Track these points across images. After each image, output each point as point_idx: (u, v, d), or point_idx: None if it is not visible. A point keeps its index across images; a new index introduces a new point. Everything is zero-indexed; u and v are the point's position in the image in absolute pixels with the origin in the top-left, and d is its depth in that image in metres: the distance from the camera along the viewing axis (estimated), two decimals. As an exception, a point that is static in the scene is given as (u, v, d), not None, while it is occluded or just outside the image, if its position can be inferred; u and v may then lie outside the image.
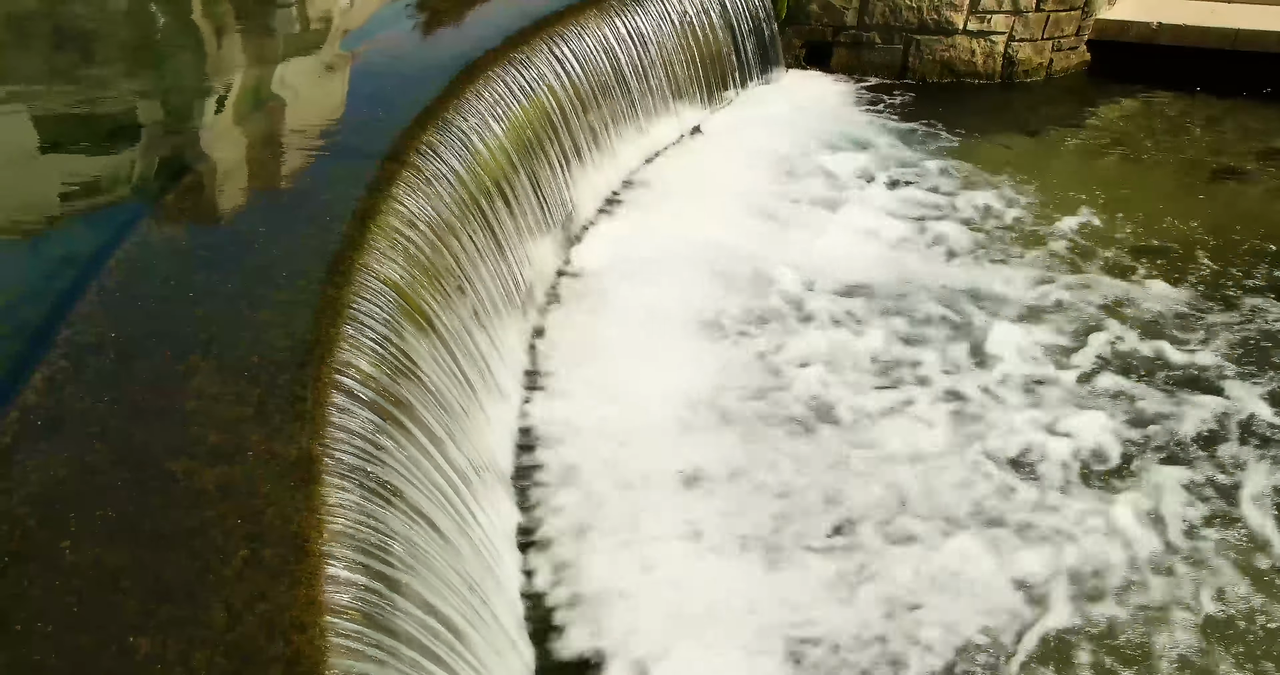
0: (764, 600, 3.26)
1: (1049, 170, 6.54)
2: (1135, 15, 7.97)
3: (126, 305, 2.87)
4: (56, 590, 1.97)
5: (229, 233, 3.42)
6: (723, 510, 3.64)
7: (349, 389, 2.65)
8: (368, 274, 3.13)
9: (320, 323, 2.81)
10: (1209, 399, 4.31)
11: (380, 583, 2.22)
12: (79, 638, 1.88)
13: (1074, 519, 3.64)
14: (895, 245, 5.53)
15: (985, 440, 4.04)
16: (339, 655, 1.94)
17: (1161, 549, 3.53)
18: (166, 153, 4.17)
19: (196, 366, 2.60)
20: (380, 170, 3.76)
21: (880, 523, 3.61)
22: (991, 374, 4.45)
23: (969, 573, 3.40)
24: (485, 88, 4.80)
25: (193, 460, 2.30)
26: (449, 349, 3.51)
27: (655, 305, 4.84)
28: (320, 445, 2.39)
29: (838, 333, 4.73)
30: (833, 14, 7.91)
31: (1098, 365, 4.54)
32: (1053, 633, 3.20)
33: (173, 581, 2.01)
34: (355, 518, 2.29)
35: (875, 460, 3.91)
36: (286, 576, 2.04)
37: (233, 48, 5.65)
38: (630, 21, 6.27)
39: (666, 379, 4.32)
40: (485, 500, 3.31)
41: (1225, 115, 7.38)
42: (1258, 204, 6.14)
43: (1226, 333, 4.78)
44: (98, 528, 2.12)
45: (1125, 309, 4.98)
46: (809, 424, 4.11)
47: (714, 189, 6.06)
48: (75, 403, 2.46)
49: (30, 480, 2.23)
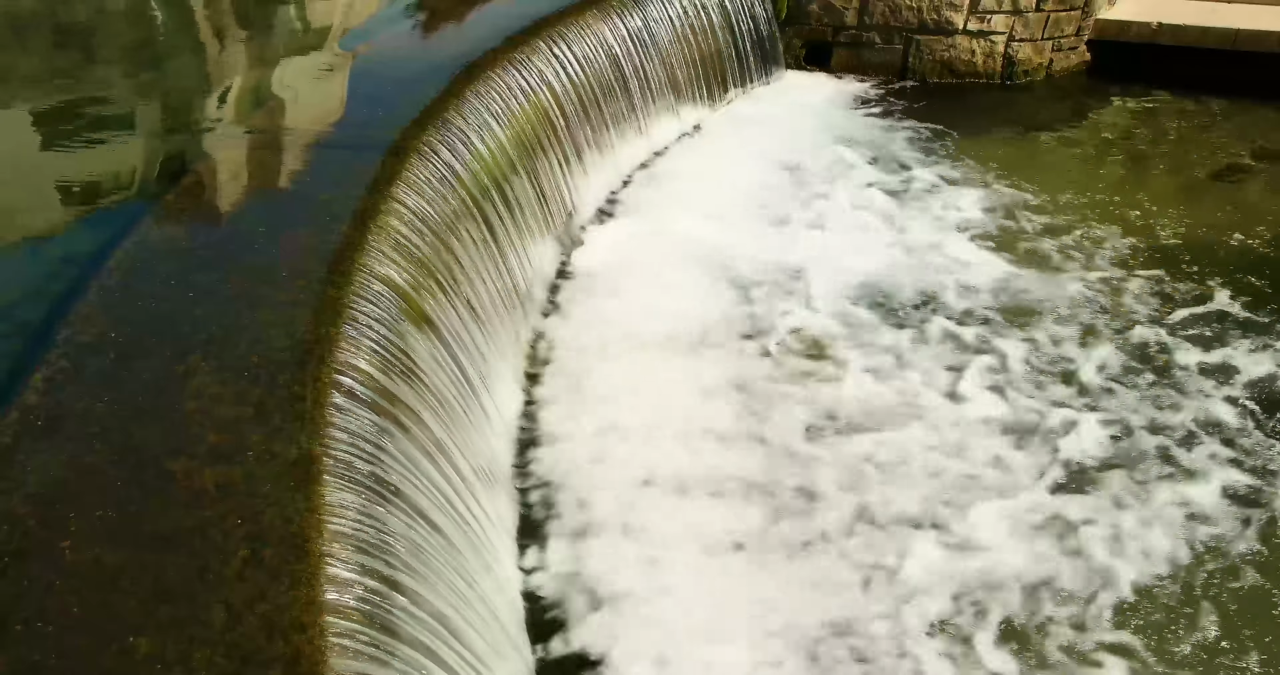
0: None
1: (1049, 170, 6.54)
2: (1135, 15, 7.97)
3: (126, 305, 2.86)
4: (56, 590, 1.97)
5: (229, 233, 3.42)
6: (725, 511, 3.64)
7: (349, 389, 2.65)
8: (368, 274, 3.13)
9: (320, 323, 2.81)
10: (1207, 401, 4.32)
11: (380, 583, 2.21)
12: (79, 638, 1.88)
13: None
14: (895, 245, 5.53)
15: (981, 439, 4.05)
16: (339, 655, 1.94)
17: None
18: (166, 153, 4.18)
19: (196, 366, 2.60)
20: (380, 170, 3.76)
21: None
22: (986, 395, 4.42)
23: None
24: (485, 88, 4.80)
25: (192, 460, 2.30)
26: (449, 349, 3.51)
27: (655, 305, 4.84)
28: (320, 445, 2.39)
29: (838, 333, 4.73)
30: (833, 14, 7.91)
31: (1096, 365, 4.54)
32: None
33: (173, 581, 2.00)
34: (355, 518, 2.29)
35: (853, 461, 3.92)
36: (286, 576, 2.03)
37: (233, 48, 5.65)
38: (630, 21, 6.27)
39: (666, 378, 4.32)
40: (485, 500, 3.31)
41: (1225, 115, 7.38)
42: (1258, 204, 6.14)
43: (1225, 333, 4.79)
44: (98, 528, 2.12)
45: (1124, 309, 4.98)
46: (811, 429, 4.11)
47: (714, 189, 6.06)
48: (75, 403, 2.46)
49: (30, 480, 2.22)
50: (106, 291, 2.92)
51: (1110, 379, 4.44)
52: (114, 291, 2.92)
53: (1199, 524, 3.63)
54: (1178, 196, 6.21)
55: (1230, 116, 7.36)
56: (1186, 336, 4.74)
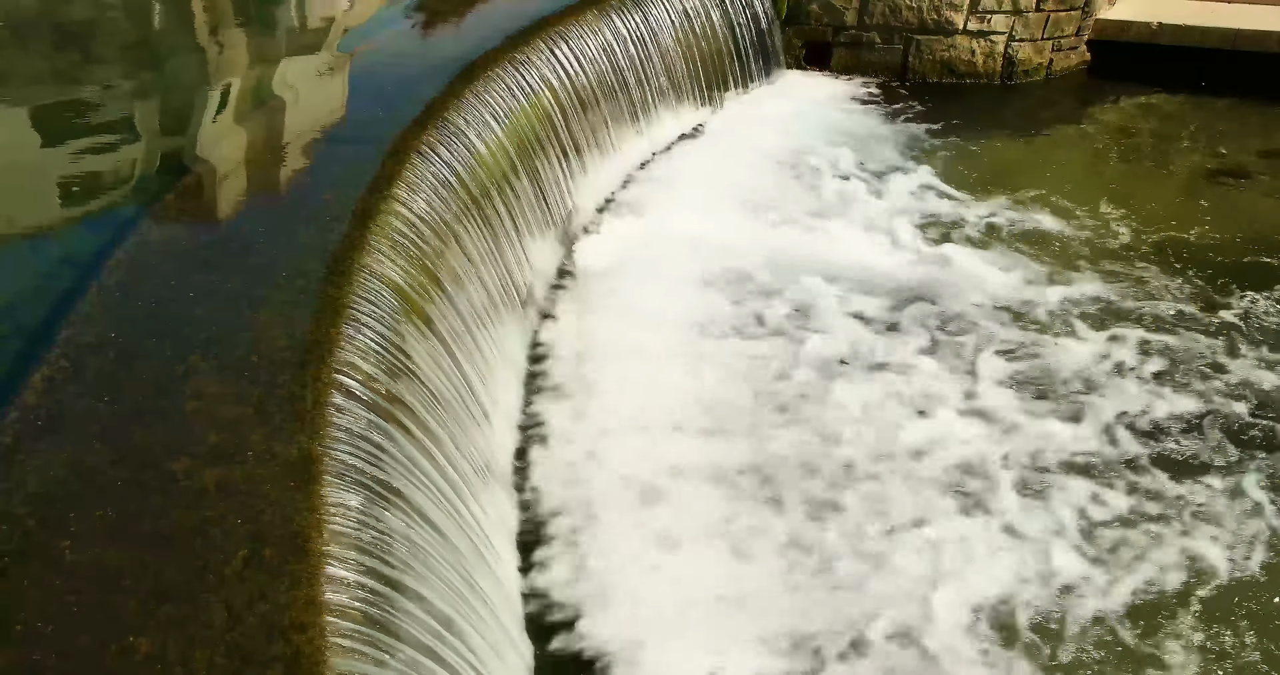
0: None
1: (1049, 170, 6.53)
2: (1135, 15, 7.97)
3: (126, 305, 2.86)
4: (56, 590, 1.97)
5: (229, 233, 3.42)
6: (728, 509, 3.65)
7: (349, 389, 2.65)
8: (368, 274, 3.13)
9: (320, 323, 2.81)
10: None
11: (380, 583, 2.21)
12: (79, 638, 1.88)
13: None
14: (894, 244, 5.53)
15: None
16: (339, 655, 1.94)
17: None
18: (166, 153, 4.18)
19: (196, 366, 2.60)
20: (380, 170, 3.76)
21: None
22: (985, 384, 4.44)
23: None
24: (485, 88, 4.80)
25: (193, 460, 2.30)
26: (449, 349, 3.51)
27: (655, 305, 4.84)
28: (320, 445, 2.39)
29: (839, 332, 4.73)
30: (833, 14, 7.91)
31: (1097, 363, 4.54)
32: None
33: (173, 581, 2.00)
34: (355, 518, 2.29)
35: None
36: (286, 576, 2.03)
37: (233, 47, 5.65)
38: (630, 21, 6.27)
39: (666, 378, 4.32)
40: (485, 499, 3.31)
41: (1225, 115, 7.38)
42: (1258, 204, 6.14)
43: (1223, 330, 4.79)
44: (98, 528, 2.12)
45: (1124, 308, 4.98)
46: (811, 428, 4.11)
47: (714, 189, 6.06)
48: (75, 403, 2.46)
49: (30, 480, 2.22)
50: (106, 291, 2.92)
51: (1107, 379, 4.45)
52: (114, 291, 2.92)
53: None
54: (1178, 197, 6.22)
55: (1230, 116, 7.36)
56: (1186, 336, 4.75)
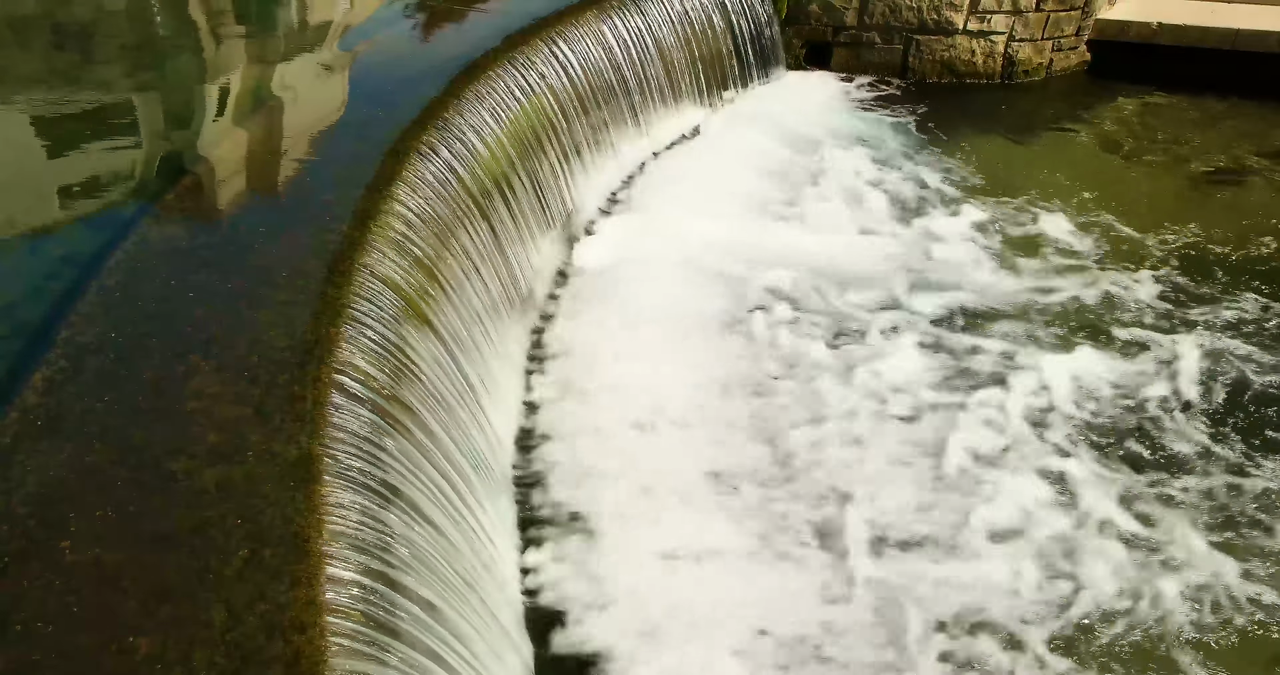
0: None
1: (1049, 170, 6.53)
2: (1135, 15, 7.97)
3: (126, 305, 2.86)
4: (56, 590, 1.97)
5: (229, 233, 3.42)
6: (729, 506, 3.65)
7: (349, 389, 2.65)
8: (368, 274, 3.13)
9: (320, 323, 2.81)
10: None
11: (380, 583, 2.22)
12: (79, 638, 1.88)
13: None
14: (894, 244, 5.53)
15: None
16: (339, 655, 1.94)
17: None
18: (166, 153, 4.17)
19: (196, 366, 2.60)
20: (380, 170, 3.76)
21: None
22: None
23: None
24: (485, 87, 4.80)
25: (193, 460, 2.30)
26: (449, 349, 3.51)
27: (655, 305, 4.84)
28: (320, 445, 2.39)
29: (838, 332, 4.73)
30: (833, 14, 7.91)
31: (1094, 362, 4.54)
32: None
33: (173, 581, 2.01)
34: (355, 518, 2.29)
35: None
36: (286, 576, 2.04)
37: (233, 47, 5.64)
38: (630, 21, 6.27)
39: (666, 378, 4.32)
40: (485, 499, 3.31)
41: (1225, 115, 7.38)
42: (1259, 203, 6.14)
43: (1222, 331, 4.79)
44: (98, 528, 2.12)
45: (1123, 308, 4.98)
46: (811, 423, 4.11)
47: (714, 189, 6.06)
48: (75, 403, 2.46)
49: (30, 480, 2.22)
50: (106, 291, 2.92)
51: (1104, 378, 4.45)
52: (114, 291, 2.92)
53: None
54: (1178, 196, 6.21)
55: (1230, 116, 7.35)
56: (1186, 336, 4.75)
